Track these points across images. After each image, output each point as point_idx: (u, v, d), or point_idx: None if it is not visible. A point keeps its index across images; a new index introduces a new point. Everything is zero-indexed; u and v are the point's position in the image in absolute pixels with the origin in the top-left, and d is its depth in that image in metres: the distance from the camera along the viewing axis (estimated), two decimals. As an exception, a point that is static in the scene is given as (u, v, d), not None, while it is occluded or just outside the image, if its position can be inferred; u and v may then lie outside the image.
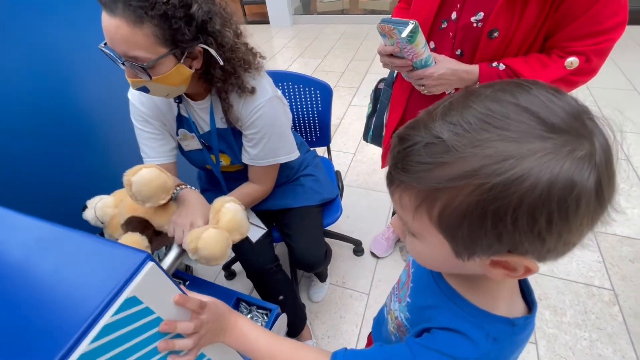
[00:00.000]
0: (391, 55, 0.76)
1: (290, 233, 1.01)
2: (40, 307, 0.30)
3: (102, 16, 0.61)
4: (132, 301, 0.32)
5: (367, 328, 1.28)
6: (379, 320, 0.63)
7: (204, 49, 0.69)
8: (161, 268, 0.35)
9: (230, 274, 1.46)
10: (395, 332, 0.52)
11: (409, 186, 0.29)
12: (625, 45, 2.88)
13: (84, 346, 0.28)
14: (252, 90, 0.78)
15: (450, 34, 0.73)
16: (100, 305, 0.30)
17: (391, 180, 0.31)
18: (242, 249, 0.99)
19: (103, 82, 1.08)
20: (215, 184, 1.04)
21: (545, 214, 0.24)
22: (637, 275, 1.33)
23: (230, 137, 0.86)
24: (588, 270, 1.36)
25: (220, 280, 1.48)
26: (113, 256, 0.34)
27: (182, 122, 0.86)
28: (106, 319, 0.30)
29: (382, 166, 1.15)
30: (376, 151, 2.11)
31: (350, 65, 3.17)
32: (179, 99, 0.83)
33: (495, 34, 0.65)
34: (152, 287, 0.34)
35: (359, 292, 1.39)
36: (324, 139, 1.35)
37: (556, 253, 0.28)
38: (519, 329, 0.36)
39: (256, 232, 0.99)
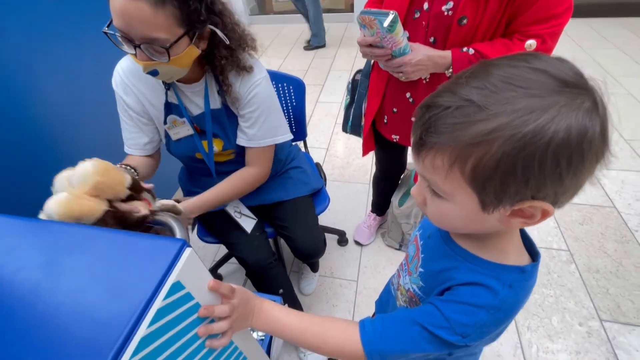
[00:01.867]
0: (371, 45, 0.80)
1: (287, 225, 1.02)
2: (94, 300, 0.29)
3: None
4: (177, 286, 0.32)
5: (360, 314, 1.32)
6: (384, 300, 0.66)
7: (211, 29, 0.70)
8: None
9: (216, 278, 1.43)
10: (406, 305, 0.55)
11: (443, 147, 0.32)
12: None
13: (142, 330, 0.28)
14: (250, 69, 0.80)
15: (423, 23, 0.79)
16: (151, 290, 0.30)
17: (422, 146, 0.34)
18: (239, 247, 0.99)
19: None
20: (199, 183, 1.02)
21: (566, 156, 0.29)
22: (586, 236, 1.51)
23: (224, 118, 0.86)
24: (547, 235, 1.53)
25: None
26: (150, 247, 0.34)
27: (171, 109, 0.84)
28: (158, 302, 0.30)
29: (364, 154, 1.20)
30: (348, 144, 2.17)
31: (313, 64, 3.21)
32: (167, 86, 0.81)
33: (465, 21, 0.72)
34: (192, 272, 0.35)
35: (348, 280, 1.43)
36: (300, 133, 1.37)
37: (569, 194, 0.33)
38: (528, 275, 0.41)
39: (248, 222, 0.98)
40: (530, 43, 0.70)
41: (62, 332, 0.27)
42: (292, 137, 0.95)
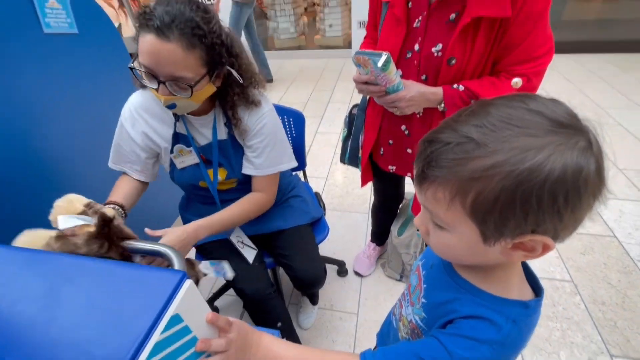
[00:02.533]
0: (366, 82, 0.85)
1: (287, 254, 1.01)
2: (91, 334, 0.29)
3: (144, 39, 0.65)
4: (176, 319, 0.32)
5: (360, 348, 1.27)
6: (385, 332, 0.65)
7: (228, 70, 0.76)
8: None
9: (213, 310, 1.39)
10: (408, 337, 0.54)
11: (445, 180, 0.34)
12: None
13: (140, 364, 0.28)
14: (258, 103, 0.86)
15: (415, 62, 0.84)
16: (149, 324, 0.30)
17: (424, 178, 0.36)
18: (237, 277, 0.98)
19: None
20: (200, 211, 1.03)
21: (562, 193, 0.30)
22: (588, 266, 1.49)
23: (230, 149, 0.89)
24: (549, 266, 1.51)
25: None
26: (149, 278, 0.34)
27: (179, 139, 0.88)
28: (156, 336, 0.30)
29: (362, 185, 1.22)
30: (347, 174, 2.20)
31: (312, 96, 3.33)
32: (177, 117, 0.85)
33: (453, 61, 0.77)
34: (191, 304, 0.35)
35: (348, 313, 1.40)
36: (300, 163, 1.40)
37: (569, 229, 0.34)
38: (531, 310, 0.41)
39: (250, 252, 0.98)
40: (516, 81, 0.74)
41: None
42: (296, 164, 0.99)
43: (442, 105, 0.82)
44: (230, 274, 0.82)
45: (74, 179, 1.19)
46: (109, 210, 0.64)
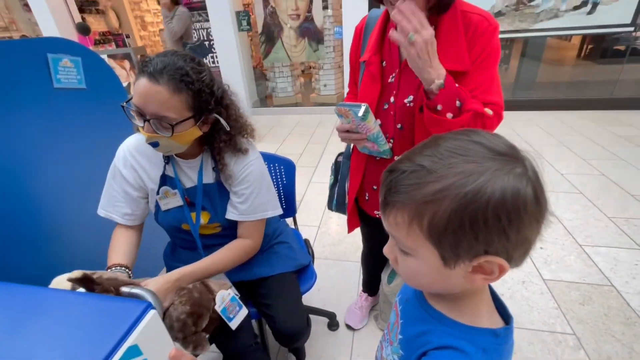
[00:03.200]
0: (347, 131, 0.91)
1: (269, 303, 0.98)
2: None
3: (139, 82, 0.72)
4: (133, 350, 0.32)
5: (352, 412, 1.16)
6: None
7: (216, 117, 0.82)
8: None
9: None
10: None
11: (403, 204, 0.37)
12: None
13: (87, 396, 0.27)
14: (245, 151, 0.90)
15: (392, 112, 0.91)
16: (105, 352, 0.30)
17: (386, 205, 0.39)
18: (219, 330, 0.93)
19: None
20: (183, 257, 1.02)
21: (505, 213, 0.33)
22: (589, 317, 1.43)
23: (215, 193, 0.91)
24: (549, 318, 1.44)
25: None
26: (116, 309, 0.35)
27: (166, 181, 0.90)
28: (110, 367, 0.29)
29: (349, 231, 1.22)
30: (340, 222, 2.20)
31: (307, 148, 3.46)
32: (167, 160, 0.89)
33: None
34: (152, 337, 0.34)
35: (339, 372, 1.30)
36: (290, 210, 1.42)
37: (520, 250, 0.36)
38: (502, 339, 0.41)
39: (240, 315, 0.93)
40: (488, 110, 0.76)
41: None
42: (281, 211, 1.00)
43: (441, 82, 0.73)
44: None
45: (80, 229, 1.20)
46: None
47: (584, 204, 2.20)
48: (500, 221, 0.33)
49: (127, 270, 0.83)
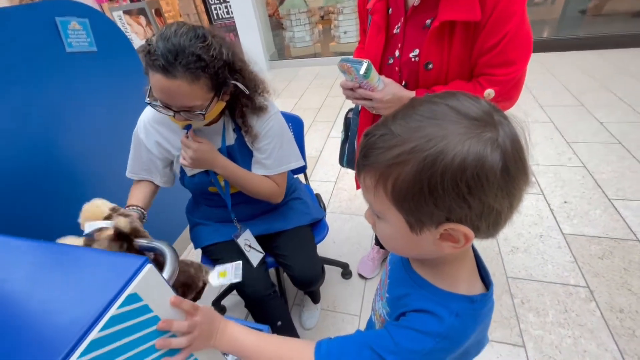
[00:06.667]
0: (352, 89, 0.87)
1: (286, 254, 1.05)
2: (55, 305, 0.35)
3: (154, 78, 0.72)
4: (134, 298, 0.37)
5: (361, 350, 1.28)
6: (369, 327, 0.67)
7: (234, 84, 0.81)
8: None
9: (220, 310, 1.45)
10: None
11: (370, 168, 0.37)
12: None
13: (94, 333, 0.32)
14: (265, 108, 0.91)
15: (396, 68, 0.85)
16: (107, 299, 0.34)
17: (359, 167, 0.39)
18: None
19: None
20: (206, 214, 1.09)
21: (464, 180, 0.31)
22: (607, 271, 1.41)
23: (237, 153, 0.95)
24: (563, 271, 1.44)
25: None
26: (116, 263, 0.39)
27: None
28: (112, 310, 0.34)
29: (357, 187, 1.24)
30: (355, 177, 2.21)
31: (326, 102, 3.38)
32: (187, 128, 0.91)
33: (430, 66, 0.78)
34: (151, 286, 0.39)
35: (351, 315, 1.41)
36: (301, 167, 1.44)
37: (487, 221, 0.35)
38: (478, 305, 0.42)
39: (256, 256, 1.02)
40: (489, 92, 0.73)
41: (28, 333, 0.33)
42: (304, 163, 1.04)
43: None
44: (236, 279, 0.87)
45: (95, 185, 1.29)
46: (122, 223, 0.69)
47: (621, 155, 2.04)
48: (459, 187, 0.32)
49: (141, 210, 0.91)
